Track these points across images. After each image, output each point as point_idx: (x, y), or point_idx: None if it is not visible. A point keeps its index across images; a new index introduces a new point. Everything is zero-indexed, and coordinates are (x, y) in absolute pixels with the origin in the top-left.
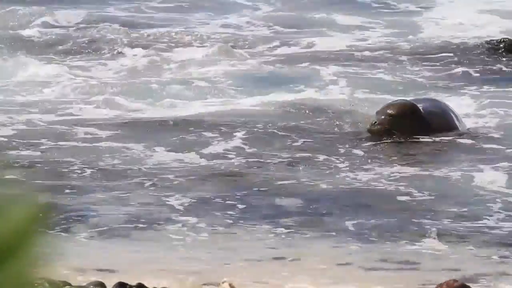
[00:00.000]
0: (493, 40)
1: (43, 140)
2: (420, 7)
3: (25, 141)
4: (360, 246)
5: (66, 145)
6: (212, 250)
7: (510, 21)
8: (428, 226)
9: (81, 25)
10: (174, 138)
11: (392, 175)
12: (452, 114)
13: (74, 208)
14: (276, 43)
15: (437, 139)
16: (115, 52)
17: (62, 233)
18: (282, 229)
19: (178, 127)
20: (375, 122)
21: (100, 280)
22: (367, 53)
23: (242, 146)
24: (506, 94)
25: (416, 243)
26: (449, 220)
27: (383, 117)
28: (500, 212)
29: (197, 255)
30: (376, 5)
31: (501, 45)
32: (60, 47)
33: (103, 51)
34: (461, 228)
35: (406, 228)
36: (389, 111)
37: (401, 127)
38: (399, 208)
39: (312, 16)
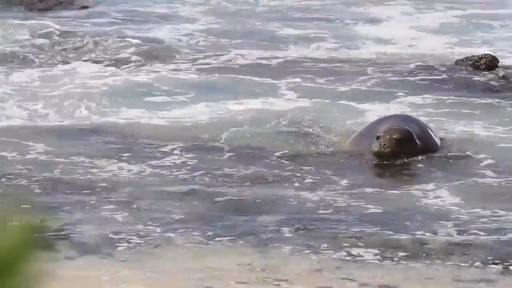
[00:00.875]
0: (474, 56)
1: None
2: (365, 24)
3: None
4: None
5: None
6: (188, 270)
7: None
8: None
9: None
10: (125, 151)
11: (360, 192)
12: (432, 134)
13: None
14: (220, 53)
15: (412, 158)
16: (48, 61)
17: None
18: (257, 245)
19: (124, 136)
20: (384, 145)
21: None
22: (320, 64)
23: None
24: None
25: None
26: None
27: (389, 140)
28: (468, 230)
29: (171, 274)
30: (319, 21)
31: (482, 61)
32: None
33: (41, 61)
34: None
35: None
36: (394, 136)
37: (403, 150)
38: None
39: (256, 27)
